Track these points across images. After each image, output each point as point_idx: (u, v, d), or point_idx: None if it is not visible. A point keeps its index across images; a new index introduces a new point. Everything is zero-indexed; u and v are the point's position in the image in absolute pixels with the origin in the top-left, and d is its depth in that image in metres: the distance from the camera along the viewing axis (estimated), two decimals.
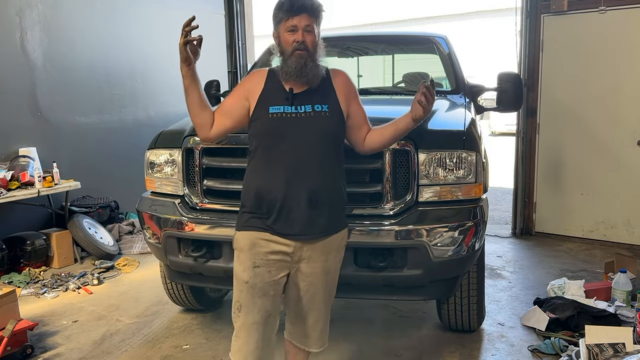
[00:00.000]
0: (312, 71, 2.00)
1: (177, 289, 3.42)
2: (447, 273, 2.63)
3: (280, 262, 2.04)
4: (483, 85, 3.76)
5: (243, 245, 2.05)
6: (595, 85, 5.09)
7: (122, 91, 5.96)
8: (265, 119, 2.01)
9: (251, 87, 2.08)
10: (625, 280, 3.48)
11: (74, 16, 5.43)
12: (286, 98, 2.01)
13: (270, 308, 2.07)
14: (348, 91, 2.14)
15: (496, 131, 19.14)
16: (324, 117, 2.03)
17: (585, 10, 5.07)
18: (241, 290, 2.05)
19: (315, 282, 2.12)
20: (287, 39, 2.00)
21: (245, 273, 2.03)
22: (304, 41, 1.98)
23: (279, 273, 2.05)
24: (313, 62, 2.01)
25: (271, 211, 2.00)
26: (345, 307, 3.68)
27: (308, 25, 1.99)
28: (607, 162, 5.11)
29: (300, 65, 1.98)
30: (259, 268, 2.02)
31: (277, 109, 2.00)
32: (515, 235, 5.63)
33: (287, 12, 1.98)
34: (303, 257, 2.06)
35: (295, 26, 1.98)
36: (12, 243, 4.60)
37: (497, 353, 3.05)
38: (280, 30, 2.03)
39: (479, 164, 2.59)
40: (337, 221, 2.12)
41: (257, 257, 2.02)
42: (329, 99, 2.06)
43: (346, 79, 2.18)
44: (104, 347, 3.20)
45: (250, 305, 2.04)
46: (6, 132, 4.84)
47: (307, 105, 2.02)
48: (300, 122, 2.00)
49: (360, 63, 4.65)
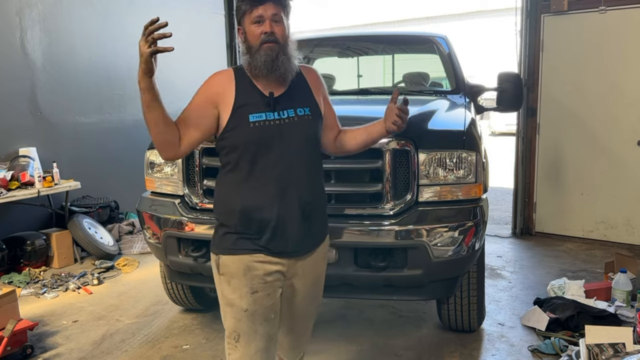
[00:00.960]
0: (284, 65, 1.79)
1: (177, 289, 3.42)
2: (447, 273, 2.63)
3: (276, 282, 1.87)
4: (483, 85, 3.77)
5: (235, 270, 1.82)
6: (595, 85, 5.09)
7: (122, 91, 5.96)
8: (245, 128, 1.77)
9: (220, 92, 1.82)
10: (625, 280, 3.48)
11: (74, 16, 5.43)
12: (267, 103, 1.80)
13: (272, 332, 1.91)
14: (322, 90, 1.99)
15: (496, 131, 19.14)
16: (308, 120, 1.86)
17: (585, 10, 5.07)
18: (239, 319, 1.84)
19: (307, 295, 2.02)
20: (253, 31, 1.79)
21: (242, 300, 1.82)
22: (272, 32, 1.77)
23: (276, 295, 1.88)
24: (285, 56, 1.80)
25: (263, 230, 1.81)
26: (345, 307, 3.68)
27: (275, 14, 1.78)
28: (607, 162, 5.11)
29: (270, 58, 1.76)
30: (258, 293, 1.82)
31: (258, 117, 1.78)
32: (515, 235, 5.63)
33: (251, 2, 1.78)
34: (296, 273, 1.92)
35: (261, 16, 1.77)
36: (12, 243, 4.60)
37: (497, 353, 3.05)
38: (245, 24, 1.81)
39: (479, 164, 2.59)
40: (324, 228, 2.02)
41: (254, 281, 1.82)
42: (309, 101, 1.90)
43: (317, 77, 2.01)
44: (104, 347, 3.20)
45: (251, 334, 1.85)
46: (6, 132, 4.84)
47: (289, 109, 1.83)
48: (284, 128, 1.80)
49: (360, 63, 4.65)
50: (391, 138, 2.50)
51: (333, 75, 4.31)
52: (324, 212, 2.01)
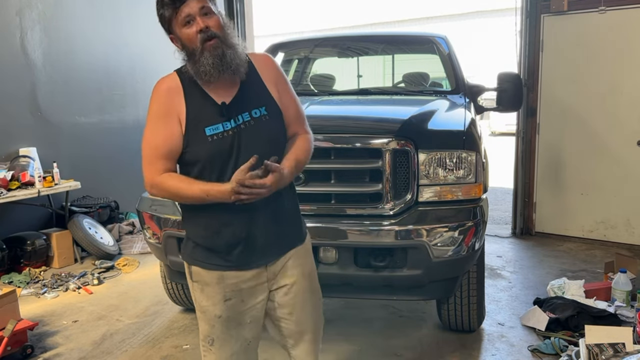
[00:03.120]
0: (234, 60, 1.63)
1: (177, 289, 3.42)
2: (447, 273, 2.63)
3: (253, 289, 1.79)
4: (483, 85, 3.77)
5: (209, 279, 1.76)
6: (595, 85, 5.09)
7: (122, 91, 5.96)
8: (203, 143, 1.64)
9: (175, 104, 1.68)
10: (625, 280, 3.48)
11: (74, 16, 5.43)
12: (221, 114, 1.65)
13: (249, 335, 1.84)
14: (277, 81, 1.78)
15: (496, 131, 19.13)
16: (265, 121, 1.70)
17: (585, 10, 5.07)
18: (213, 325, 1.80)
19: (301, 287, 1.87)
20: (188, 34, 1.62)
21: (216, 308, 1.77)
22: (207, 26, 1.60)
23: (256, 299, 1.80)
24: (230, 49, 1.63)
25: (233, 246, 1.72)
26: (345, 307, 3.69)
27: (202, 7, 1.61)
28: (607, 162, 5.11)
29: (218, 58, 1.60)
30: (231, 300, 1.77)
31: (214, 129, 1.64)
32: (515, 235, 5.63)
33: (172, 5, 1.61)
34: (278, 271, 1.82)
35: (189, 15, 1.60)
36: (12, 243, 4.60)
37: (497, 353, 3.05)
38: (176, 31, 1.65)
39: (479, 164, 2.59)
40: (299, 227, 1.91)
41: (227, 289, 1.75)
42: (264, 98, 1.73)
43: (273, 67, 1.81)
44: (104, 347, 3.20)
45: (226, 338, 1.80)
46: (6, 132, 4.84)
47: (244, 113, 1.67)
48: (243, 135, 1.66)
49: (360, 63, 4.65)
50: (391, 138, 2.50)
51: (333, 75, 4.31)
52: (297, 212, 1.90)
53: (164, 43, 1.84)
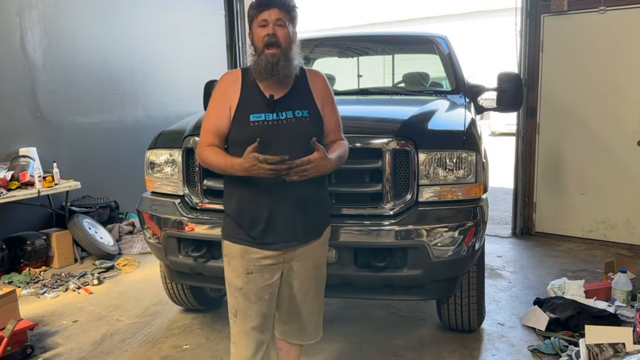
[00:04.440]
0: (284, 70, 1.95)
1: (177, 289, 3.42)
2: (447, 273, 2.63)
3: (272, 266, 2.05)
4: (483, 85, 3.77)
5: (234, 253, 2.05)
6: (595, 85, 5.09)
7: (122, 91, 5.96)
8: (246, 127, 1.96)
9: (230, 92, 2.02)
10: (625, 280, 3.48)
11: (74, 16, 5.43)
12: (267, 105, 1.97)
13: (267, 311, 2.09)
14: (324, 95, 2.10)
15: (496, 131, 19.15)
16: (305, 122, 2.00)
17: (585, 10, 5.07)
18: (236, 297, 2.07)
19: (308, 277, 2.16)
20: (258, 34, 1.96)
21: (238, 280, 2.04)
22: (275, 34, 1.93)
23: (272, 277, 2.06)
24: (286, 60, 1.95)
25: (256, 221, 1.99)
26: (345, 307, 3.69)
27: (279, 19, 1.94)
28: (607, 162, 5.11)
29: (272, 63, 1.92)
30: (252, 274, 2.03)
31: (258, 117, 1.96)
32: (515, 235, 5.63)
33: (258, 7, 1.96)
34: (295, 256, 2.09)
35: (265, 20, 1.94)
36: (12, 243, 4.60)
37: (497, 353, 3.05)
38: (253, 28, 1.99)
39: (479, 164, 2.59)
40: (322, 223, 2.16)
41: (250, 263, 2.03)
42: (308, 104, 2.03)
43: (323, 82, 2.13)
44: (104, 347, 3.20)
45: (247, 311, 2.06)
46: (6, 132, 4.84)
47: (287, 111, 1.98)
48: (282, 129, 1.96)
49: (360, 63, 4.65)
50: (391, 138, 2.50)
51: (333, 76, 4.31)
52: (324, 206, 2.16)
53: (164, 43, 1.85)
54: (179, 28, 6.47)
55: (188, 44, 6.62)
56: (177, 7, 6.41)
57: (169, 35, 6.39)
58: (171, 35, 6.41)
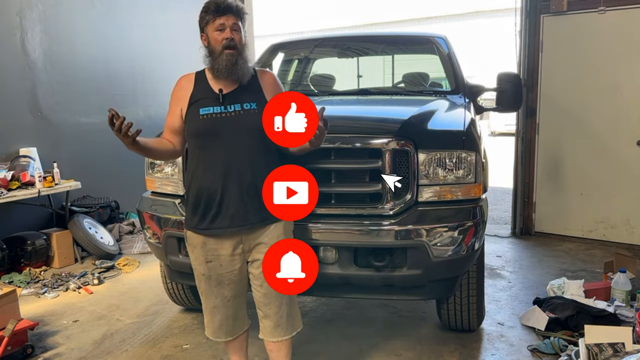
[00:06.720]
0: (242, 69, 2.13)
1: (177, 288, 3.43)
2: (447, 273, 2.63)
3: (230, 257, 2.23)
4: (483, 85, 3.77)
5: (195, 243, 2.25)
6: (595, 85, 5.10)
7: (122, 91, 5.96)
8: (196, 120, 2.14)
9: (182, 94, 2.21)
10: (625, 280, 3.49)
11: (74, 16, 5.44)
12: (216, 98, 2.14)
13: (228, 294, 2.30)
14: (274, 89, 2.25)
15: (496, 131, 19.16)
16: (253, 114, 2.13)
17: (584, 10, 5.07)
18: (200, 280, 2.31)
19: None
20: (216, 37, 2.13)
21: (200, 267, 2.27)
22: (232, 38, 2.11)
23: (232, 267, 2.26)
24: (242, 60, 2.13)
25: (210, 206, 2.15)
26: (345, 307, 3.69)
27: (235, 24, 2.13)
28: (607, 162, 5.12)
29: (231, 63, 2.10)
30: (211, 263, 2.25)
31: (207, 110, 2.13)
32: (514, 235, 5.64)
33: (214, 13, 2.12)
34: (254, 244, 2.23)
35: (223, 24, 2.11)
36: (12, 243, 4.60)
37: (496, 353, 3.06)
38: (208, 32, 2.15)
39: (479, 164, 2.59)
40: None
41: (209, 253, 2.23)
42: (257, 97, 2.18)
43: (273, 79, 2.30)
44: (105, 347, 3.21)
45: (208, 292, 2.31)
46: (6, 132, 4.84)
47: (236, 104, 2.14)
48: (230, 120, 2.12)
49: (360, 63, 4.65)
50: (391, 138, 2.51)
51: (333, 76, 4.31)
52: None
53: (164, 43, 1.88)
54: (179, 28, 6.48)
55: (188, 44, 6.62)
56: (177, 7, 6.41)
57: (169, 35, 6.38)
58: (171, 35, 6.41)
